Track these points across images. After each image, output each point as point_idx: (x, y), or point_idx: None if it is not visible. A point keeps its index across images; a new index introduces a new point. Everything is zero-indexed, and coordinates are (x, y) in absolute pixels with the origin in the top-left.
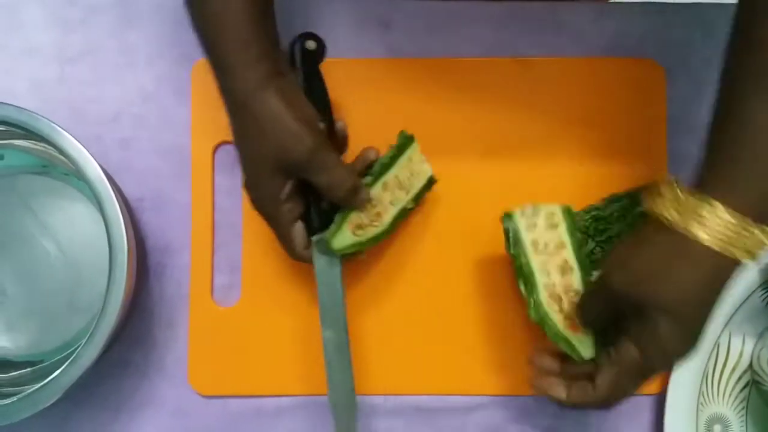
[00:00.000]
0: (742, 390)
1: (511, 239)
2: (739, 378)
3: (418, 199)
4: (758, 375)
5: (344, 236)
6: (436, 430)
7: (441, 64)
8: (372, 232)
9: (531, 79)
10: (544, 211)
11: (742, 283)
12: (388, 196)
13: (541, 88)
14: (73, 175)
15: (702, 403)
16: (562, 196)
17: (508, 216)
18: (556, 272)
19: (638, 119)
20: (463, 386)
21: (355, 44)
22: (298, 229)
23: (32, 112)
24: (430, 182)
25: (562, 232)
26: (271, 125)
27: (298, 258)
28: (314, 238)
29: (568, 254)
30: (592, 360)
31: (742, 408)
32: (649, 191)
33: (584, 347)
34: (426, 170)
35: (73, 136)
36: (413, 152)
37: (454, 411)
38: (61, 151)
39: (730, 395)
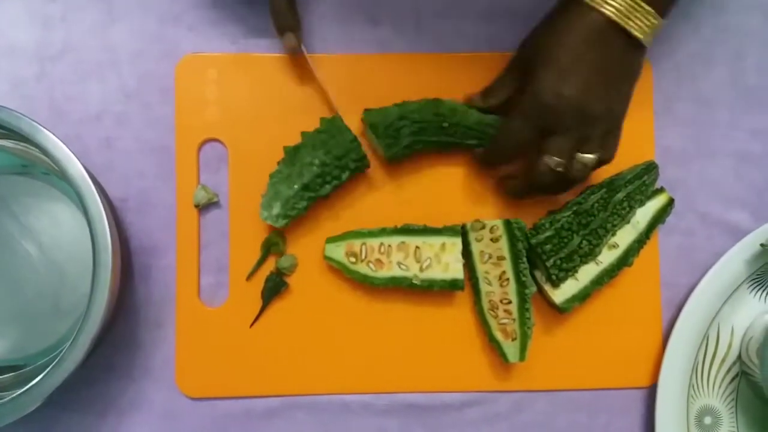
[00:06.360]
0: (731, 381)
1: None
2: (729, 369)
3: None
4: (747, 366)
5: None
6: (429, 428)
7: (430, 60)
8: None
9: None
10: (489, 225)
11: (729, 275)
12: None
13: None
14: (54, 175)
15: (692, 396)
16: None
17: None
18: (496, 282)
19: None
20: (456, 383)
21: (344, 40)
22: None
23: (13, 110)
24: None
25: (503, 245)
26: None
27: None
28: None
29: (507, 266)
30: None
31: (732, 399)
32: None
33: (511, 353)
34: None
35: (55, 135)
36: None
37: (447, 408)
38: (43, 150)
39: (719, 387)
